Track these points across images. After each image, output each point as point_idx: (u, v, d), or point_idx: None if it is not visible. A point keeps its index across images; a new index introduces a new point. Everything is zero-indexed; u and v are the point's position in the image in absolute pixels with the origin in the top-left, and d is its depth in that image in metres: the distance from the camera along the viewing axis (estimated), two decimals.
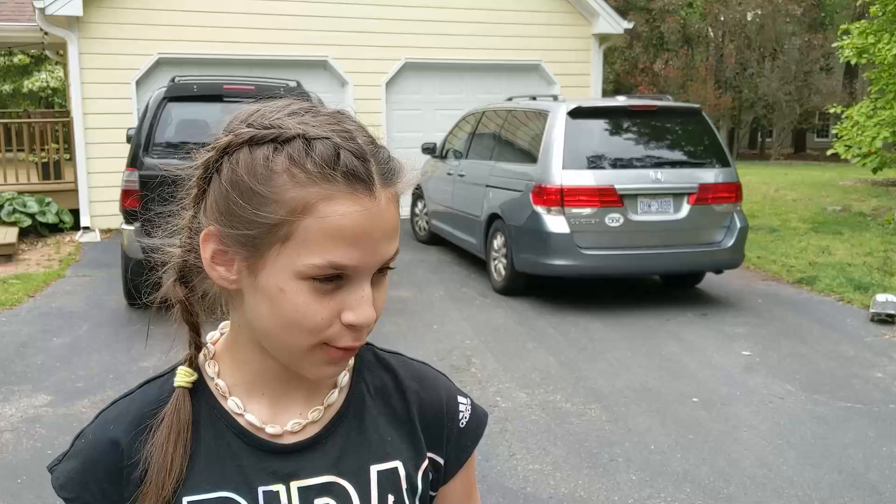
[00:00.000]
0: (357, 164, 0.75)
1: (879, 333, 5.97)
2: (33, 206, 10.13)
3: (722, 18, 27.39)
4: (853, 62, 12.22)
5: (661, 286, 7.66)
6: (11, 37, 12.54)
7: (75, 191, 10.77)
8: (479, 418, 0.98)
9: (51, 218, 10.26)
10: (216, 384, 0.86)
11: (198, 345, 0.87)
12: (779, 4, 26.00)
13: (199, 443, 0.83)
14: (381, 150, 0.79)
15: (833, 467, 3.76)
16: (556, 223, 6.46)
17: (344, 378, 0.91)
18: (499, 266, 7.23)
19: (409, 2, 11.86)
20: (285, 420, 0.86)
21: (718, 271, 7.22)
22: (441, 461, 0.94)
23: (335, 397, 0.89)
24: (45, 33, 10.92)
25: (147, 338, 5.69)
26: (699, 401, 4.61)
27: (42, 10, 9.97)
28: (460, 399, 0.97)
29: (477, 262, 8.29)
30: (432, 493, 0.94)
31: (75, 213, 10.68)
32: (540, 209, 6.54)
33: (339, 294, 0.77)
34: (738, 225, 6.84)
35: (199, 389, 0.86)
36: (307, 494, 0.84)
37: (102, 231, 10.49)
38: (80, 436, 0.86)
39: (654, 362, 5.30)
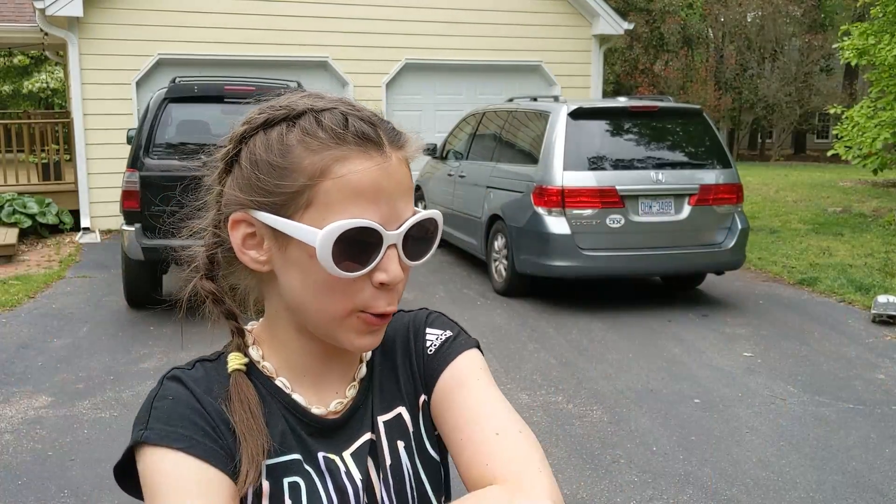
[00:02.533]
0: (366, 127, 0.81)
1: (881, 334, 5.97)
2: (33, 207, 10.12)
3: (722, 19, 27.39)
4: (853, 63, 12.21)
5: (662, 287, 7.65)
6: (11, 37, 12.53)
7: (75, 192, 10.76)
8: (451, 343, 0.94)
9: (51, 219, 10.25)
10: (263, 366, 0.90)
11: (241, 331, 0.90)
12: (779, 5, 26.00)
13: (264, 414, 0.86)
14: (386, 120, 0.85)
15: (835, 469, 3.75)
16: (557, 224, 6.45)
17: (367, 353, 0.95)
18: (499, 267, 7.22)
19: (409, 2, 11.86)
20: (327, 399, 0.91)
21: (719, 272, 7.21)
22: (423, 396, 0.95)
23: (364, 370, 0.94)
24: (46, 34, 10.92)
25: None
26: (701, 402, 4.60)
27: (42, 10, 9.96)
28: (429, 331, 0.96)
29: (477, 264, 8.28)
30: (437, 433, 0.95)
31: (75, 213, 10.67)
32: (541, 210, 6.54)
33: None
34: (739, 226, 6.84)
35: (251, 371, 0.89)
36: (359, 455, 0.89)
37: (103, 232, 10.48)
38: (156, 399, 0.83)
39: (656, 363, 5.29)
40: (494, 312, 6.54)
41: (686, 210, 6.66)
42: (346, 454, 0.88)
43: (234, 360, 0.87)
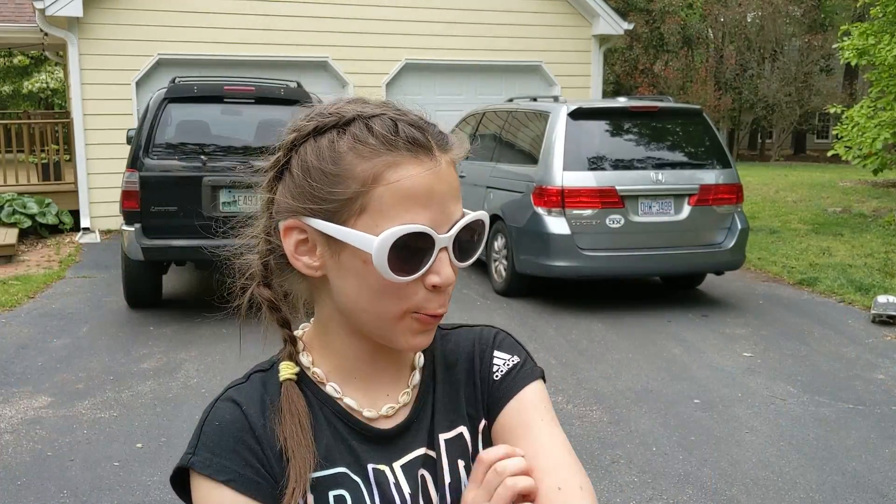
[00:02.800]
0: (415, 132, 0.82)
1: (880, 335, 5.96)
2: (33, 207, 10.12)
3: (722, 20, 27.37)
4: (853, 63, 12.21)
5: (661, 287, 7.65)
6: (11, 38, 12.53)
7: (75, 192, 10.76)
8: (519, 371, 0.95)
9: (51, 219, 10.25)
10: (313, 372, 0.91)
11: (293, 339, 0.91)
12: (779, 6, 25.98)
13: (312, 424, 0.87)
14: (432, 123, 0.86)
15: (835, 469, 3.75)
16: (556, 224, 6.45)
17: (420, 359, 0.96)
18: (499, 267, 7.22)
19: (409, 2, 11.86)
20: (378, 403, 0.91)
21: (719, 272, 7.21)
22: (484, 421, 0.95)
23: (417, 378, 0.94)
24: (45, 34, 10.92)
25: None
26: (700, 402, 4.60)
27: (42, 10, 9.96)
28: (496, 354, 0.97)
29: (477, 264, 8.28)
30: None
31: (75, 214, 10.67)
32: (541, 210, 6.54)
33: None
34: (739, 226, 6.83)
35: (301, 379, 0.90)
36: (410, 469, 0.89)
37: (102, 232, 10.48)
38: (206, 423, 0.86)
39: (656, 364, 5.29)
40: (494, 313, 6.54)
41: (686, 210, 6.66)
42: (396, 465, 0.89)
43: (286, 370, 0.89)
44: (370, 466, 0.87)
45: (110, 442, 4.00)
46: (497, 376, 0.95)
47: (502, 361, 0.96)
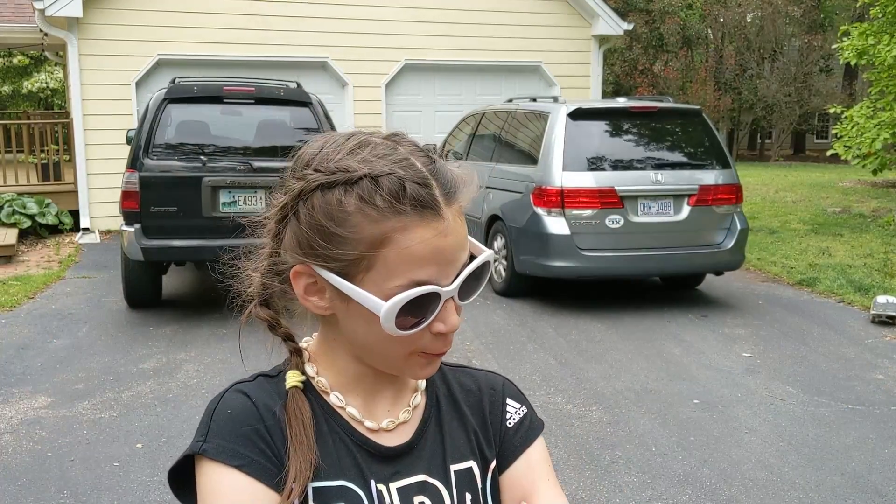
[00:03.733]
0: (422, 193, 0.81)
1: (880, 335, 5.97)
2: (33, 208, 10.12)
3: (721, 20, 27.37)
4: (853, 63, 12.21)
5: (661, 288, 7.65)
6: (11, 38, 12.53)
7: (75, 192, 10.76)
8: (529, 424, 1.01)
9: (50, 219, 10.25)
10: (318, 381, 0.93)
11: (298, 352, 0.93)
12: (778, 6, 25.99)
13: (316, 435, 0.88)
14: (439, 169, 0.84)
15: (835, 469, 3.75)
16: (556, 225, 6.46)
17: (422, 382, 0.99)
18: (499, 268, 7.22)
19: (409, 2, 11.86)
20: (379, 417, 0.93)
21: (719, 273, 7.21)
22: (493, 463, 0.98)
23: (419, 399, 0.97)
24: (45, 34, 10.92)
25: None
26: (700, 402, 4.60)
27: (42, 11, 9.96)
28: (509, 402, 1.02)
29: None
30: None
31: (75, 214, 10.67)
32: (540, 211, 6.54)
33: None
34: (739, 226, 6.84)
35: (307, 388, 0.92)
36: (406, 493, 0.90)
37: (102, 232, 10.48)
38: (216, 412, 0.88)
39: (655, 364, 5.29)
40: (494, 313, 6.54)
41: (685, 210, 6.67)
42: (393, 487, 0.90)
43: (293, 378, 0.91)
44: (373, 483, 0.89)
45: (110, 442, 4.00)
46: (510, 423, 1.00)
47: (514, 410, 1.01)
